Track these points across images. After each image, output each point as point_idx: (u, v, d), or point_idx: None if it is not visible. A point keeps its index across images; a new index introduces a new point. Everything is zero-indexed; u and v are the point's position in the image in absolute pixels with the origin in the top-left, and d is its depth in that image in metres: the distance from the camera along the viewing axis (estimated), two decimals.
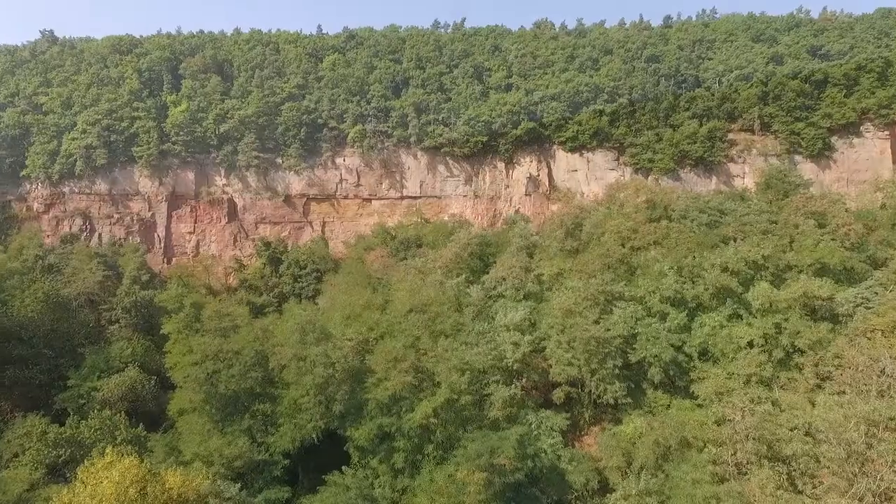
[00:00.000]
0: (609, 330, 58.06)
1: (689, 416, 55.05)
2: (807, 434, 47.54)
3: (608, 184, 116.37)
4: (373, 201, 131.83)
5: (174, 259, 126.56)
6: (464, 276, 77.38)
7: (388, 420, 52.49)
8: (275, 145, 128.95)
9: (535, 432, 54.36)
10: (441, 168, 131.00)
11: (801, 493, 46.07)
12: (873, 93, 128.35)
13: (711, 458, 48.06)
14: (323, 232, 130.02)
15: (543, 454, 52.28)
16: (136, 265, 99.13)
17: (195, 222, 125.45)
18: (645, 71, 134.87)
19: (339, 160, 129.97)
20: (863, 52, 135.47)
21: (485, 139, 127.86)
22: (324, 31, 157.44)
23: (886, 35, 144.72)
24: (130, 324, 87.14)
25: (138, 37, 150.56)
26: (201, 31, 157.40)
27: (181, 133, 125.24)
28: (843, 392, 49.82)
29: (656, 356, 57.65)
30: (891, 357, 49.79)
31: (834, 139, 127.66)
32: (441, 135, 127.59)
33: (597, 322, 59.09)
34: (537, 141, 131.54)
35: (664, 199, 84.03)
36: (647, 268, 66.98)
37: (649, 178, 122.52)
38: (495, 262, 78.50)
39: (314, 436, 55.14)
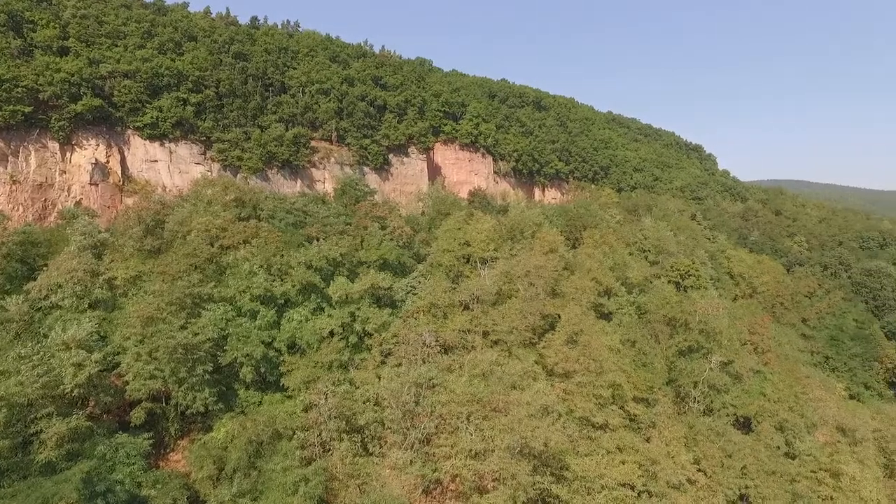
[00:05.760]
0: (198, 334, 54.63)
1: (280, 409, 57.32)
2: (375, 404, 56.29)
3: (194, 178, 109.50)
4: None
5: None
6: None
7: None
8: None
9: (109, 463, 46.31)
10: None
11: (371, 454, 54.29)
12: (416, 123, 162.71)
13: (300, 444, 51.33)
14: None
15: (120, 486, 44.96)
16: None
17: None
18: (233, 67, 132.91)
19: None
20: (409, 90, 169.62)
21: (28, 110, 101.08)
22: None
23: (423, 79, 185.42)
24: None
25: None
26: None
27: None
28: (400, 364, 61.13)
29: (248, 355, 57.66)
30: (428, 331, 64.07)
31: (391, 156, 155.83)
32: None
33: (184, 327, 54.86)
34: (106, 122, 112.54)
35: (253, 198, 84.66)
36: (237, 267, 66.13)
37: (238, 176, 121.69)
38: (47, 266, 63.05)
39: None
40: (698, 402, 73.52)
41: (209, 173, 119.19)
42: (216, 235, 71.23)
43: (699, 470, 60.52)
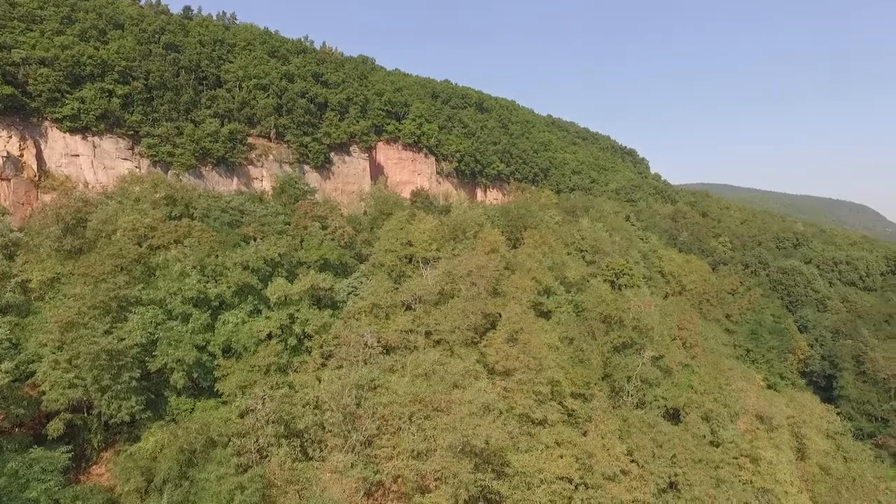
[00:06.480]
0: (124, 339, 51.82)
1: (214, 415, 55.17)
2: (315, 407, 55.10)
3: (120, 175, 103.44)
4: None
5: None
6: None
7: None
8: None
9: (21, 480, 42.94)
10: None
11: (311, 459, 53.12)
12: (358, 122, 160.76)
13: (236, 451, 49.53)
14: None
15: None
16: None
17: None
18: (163, 58, 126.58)
19: None
20: (350, 87, 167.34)
21: None
22: None
23: (365, 77, 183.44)
24: None
25: None
26: None
27: None
28: (341, 366, 60.20)
29: (179, 360, 55.12)
30: (370, 332, 63.47)
31: (332, 155, 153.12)
32: None
33: (108, 332, 51.84)
34: (20, 112, 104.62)
35: (186, 196, 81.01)
36: (168, 268, 63.10)
37: (169, 172, 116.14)
38: None
39: None
40: (632, 395, 76.53)
41: (137, 169, 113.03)
42: (144, 235, 67.72)
43: (632, 461, 62.99)
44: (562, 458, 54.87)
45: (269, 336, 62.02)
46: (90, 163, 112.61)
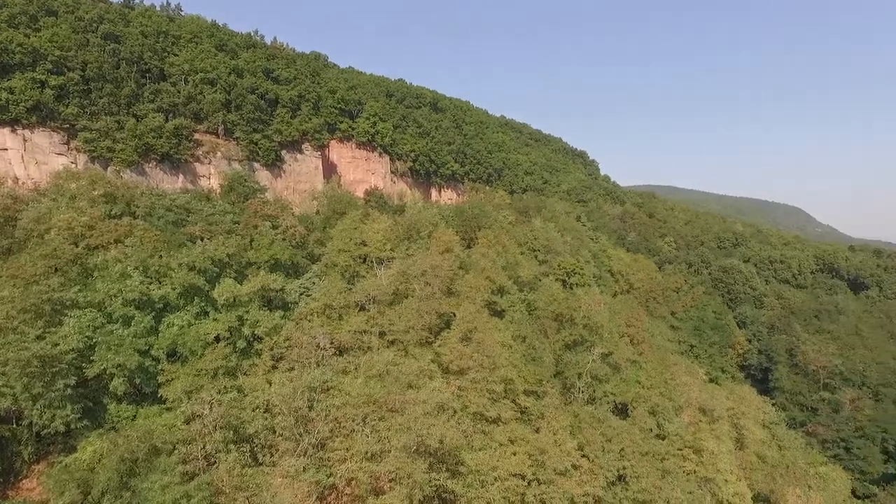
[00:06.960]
0: (59, 344, 49.00)
1: (158, 422, 53.03)
2: (266, 411, 53.81)
3: (54, 170, 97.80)
4: None
5: None
6: None
7: None
8: None
9: None
10: None
11: (262, 464, 51.83)
12: (310, 119, 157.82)
13: (181, 458, 47.77)
14: None
15: None
16: None
17: None
18: (102, 49, 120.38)
19: None
20: (302, 84, 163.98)
21: None
22: None
23: (318, 74, 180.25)
24: None
25: None
26: None
27: None
28: (293, 368, 58.95)
29: (120, 365, 52.60)
30: (323, 333, 62.47)
31: (284, 153, 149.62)
32: None
33: (41, 337, 48.91)
34: None
35: (127, 193, 77.46)
36: (107, 269, 60.10)
37: (109, 169, 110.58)
38: None
39: None
40: (582, 391, 78.44)
41: (73, 165, 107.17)
42: (81, 234, 64.26)
43: (583, 455, 64.53)
44: (515, 455, 55.61)
45: (217, 339, 60.09)
46: (20, 157, 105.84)
